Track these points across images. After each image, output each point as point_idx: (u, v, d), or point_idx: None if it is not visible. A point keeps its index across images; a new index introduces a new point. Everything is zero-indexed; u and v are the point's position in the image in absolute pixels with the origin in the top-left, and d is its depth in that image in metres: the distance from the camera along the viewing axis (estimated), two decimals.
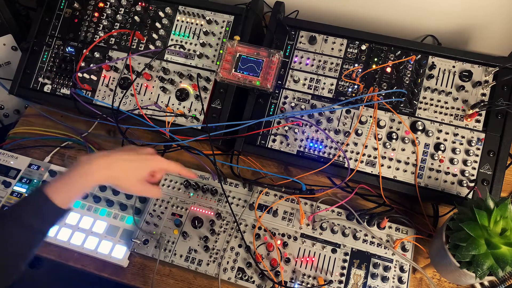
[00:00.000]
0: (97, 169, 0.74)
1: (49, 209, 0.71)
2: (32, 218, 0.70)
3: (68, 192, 0.72)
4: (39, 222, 0.70)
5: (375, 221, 0.91)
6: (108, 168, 0.76)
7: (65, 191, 0.72)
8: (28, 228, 0.70)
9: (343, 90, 1.00)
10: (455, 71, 0.97)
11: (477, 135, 0.93)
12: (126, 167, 0.77)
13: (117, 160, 0.77)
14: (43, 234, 0.72)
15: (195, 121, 1.03)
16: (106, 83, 1.08)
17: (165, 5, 1.08)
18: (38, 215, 0.70)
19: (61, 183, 0.72)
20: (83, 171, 0.74)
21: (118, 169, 0.77)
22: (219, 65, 0.96)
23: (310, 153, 0.98)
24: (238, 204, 0.97)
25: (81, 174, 0.73)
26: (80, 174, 0.73)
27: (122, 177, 0.77)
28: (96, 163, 0.74)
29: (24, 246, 0.71)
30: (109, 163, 0.76)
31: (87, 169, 0.74)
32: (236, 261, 0.90)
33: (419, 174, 0.93)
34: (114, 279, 0.95)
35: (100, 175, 0.75)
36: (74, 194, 0.73)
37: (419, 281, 0.92)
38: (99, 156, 0.76)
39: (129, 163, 0.78)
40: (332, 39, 1.03)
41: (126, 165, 0.78)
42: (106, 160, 0.76)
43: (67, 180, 0.73)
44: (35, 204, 0.71)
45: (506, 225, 0.71)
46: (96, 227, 0.97)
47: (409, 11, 1.10)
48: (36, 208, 0.71)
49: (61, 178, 0.73)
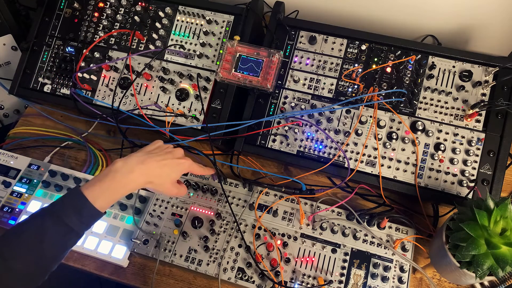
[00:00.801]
0: (136, 178, 0.76)
1: (89, 212, 0.72)
2: (72, 219, 0.70)
3: (108, 198, 0.74)
4: (78, 223, 0.71)
5: (375, 221, 0.91)
6: (146, 174, 0.78)
7: (106, 196, 0.74)
8: (66, 228, 0.70)
9: (343, 90, 1.00)
10: (455, 71, 0.97)
11: (477, 135, 0.93)
12: (162, 173, 0.80)
13: (155, 166, 0.79)
14: (78, 236, 0.73)
15: (195, 121, 1.03)
16: (106, 83, 1.08)
17: (165, 5, 1.08)
18: (78, 217, 0.71)
19: (102, 188, 0.73)
20: (124, 181, 0.75)
21: (155, 175, 0.79)
22: (219, 65, 0.96)
23: (310, 153, 0.98)
24: (238, 204, 0.97)
25: (123, 183, 0.75)
26: (121, 183, 0.75)
27: (158, 182, 0.80)
28: (137, 172, 0.76)
29: (60, 246, 0.71)
30: (147, 169, 0.78)
31: (128, 178, 0.75)
32: (236, 261, 0.90)
33: (419, 174, 0.93)
34: (114, 279, 0.95)
35: (139, 183, 0.78)
36: (113, 200, 0.75)
37: (419, 281, 0.92)
38: (137, 163, 0.77)
39: (165, 168, 0.81)
40: (332, 39, 1.03)
41: (163, 171, 0.80)
42: (145, 167, 0.78)
43: (108, 186, 0.74)
44: (76, 206, 0.72)
45: (506, 225, 0.71)
46: (96, 227, 0.97)
47: (409, 11, 1.10)
48: (76, 209, 0.71)
49: (101, 183, 0.74)
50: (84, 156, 1.11)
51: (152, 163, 0.79)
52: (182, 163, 0.83)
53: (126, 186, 0.76)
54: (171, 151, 0.84)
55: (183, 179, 1.00)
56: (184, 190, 0.87)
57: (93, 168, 1.08)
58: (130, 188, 0.77)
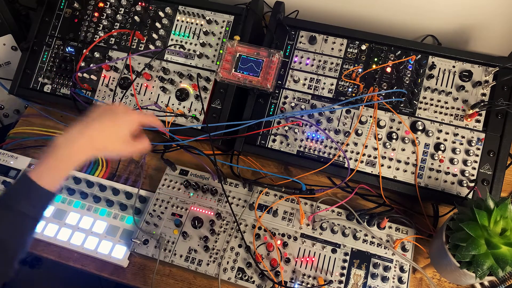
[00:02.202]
0: (79, 148, 0.73)
1: (39, 194, 0.70)
2: (23, 205, 0.69)
3: (55, 175, 0.72)
4: (29, 207, 0.69)
5: (375, 221, 0.91)
6: (90, 143, 0.74)
7: (52, 174, 0.71)
8: (19, 215, 0.68)
9: (343, 90, 1.00)
10: (455, 71, 0.97)
11: (477, 135, 0.93)
12: (105, 137, 0.76)
13: (96, 133, 0.75)
14: (36, 220, 0.71)
15: (195, 121, 1.03)
16: (106, 83, 1.08)
17: (165, 5, 1.08)
18: (29, 201, 0.69)
19: (46, 167, 0.71)
20: (68, 155, 0.72)
21: (99, 142, 0.75)
22: (219, 65, 0.96)
23: (310, 153, 0.98)
24: (238, 204, 0.97)
25: (66, 158, 0.72)
26: (65, 158, 0.72)
27: (107, 146, 0.77)
28: (77, 144, 0.73)
29: (18, 234, 0.70)
30: (89, 138, 0.74)
31: (71, 151, 0.73)
32: (236, 261, 0.90)
33: (419, 174, 0.93)
34: (114, 279, 0.95)
35: (84, 154, 0.74)
36: (61, 176, 0.73)
37: (419, 281, 0.92)
38: (77, 134, 0.74)
39: (107, 131, 0.76)
40: (332, 39, 1.03)
41: (106, 135, 0.76)
42: (85, 136, 0.74)
43: (52, 164, 0.71)
44: (24, 191, 0.70)
45: (506, 225, 0.71)
46: (96, 227, 0.97)
47: (409, 11, 1.10)
48: (26, 195, 0.69)
49: (44, 162, 0.71)
50: None
51: (92, 130, 0.75)
52: (125, 119, 0.78)
53: (71, 160, 0.73)
54: (111, 111, 0.79)
55: (183, 179, 1.00)
56: (145, 145, 0.81)
57: (93, 168, 1.08)
58: (75, 161, 0.73)
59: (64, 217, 0.99)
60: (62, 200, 1.01)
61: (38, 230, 0.96)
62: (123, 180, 1.07)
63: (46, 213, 0.98)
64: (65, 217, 0.99)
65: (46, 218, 0.99)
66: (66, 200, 1.01)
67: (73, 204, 1.00)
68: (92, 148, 0.75)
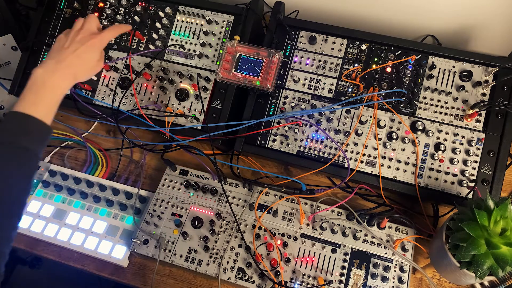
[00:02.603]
0: (60, 78, 0.76)
1: (38, 128, 0.70)
2: (25, 140, 0.67)
3: (46, 107, 0.72)
4: (32, 143, 0.68)
5: (375, 221, 0.91)
6: (69, 71, 0.78)
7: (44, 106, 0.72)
8: (24, 152, 0.67)
9: (343, 90, 1.00)
10: (455, 71, 0.97)
11: (477, 135, 0.93)
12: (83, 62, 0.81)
13: (74, 60, 0.79)
14: (38, 158, 0.70)
15: (195, 121, 1.03)
16: (106, 83, 1.08)
17: (165, 5, 1.08)
18: (30, 136, 0.68)
19: (35, 101, 0.71)
20: (51, 85, 0.74)
21: (77, 67, 0.80)
22: (219, 65, 0.96)
23: (310, 153, 0.98)
24: (238, 204, 0.97)
25: (50, 88, 0.74)
26: (49, 88, 0.74)
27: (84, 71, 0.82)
28: (59, 72, 0.76)
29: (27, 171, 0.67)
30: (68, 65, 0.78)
31: (53, 81, 0.74)
32: (236, 261, 0.90)
33: (419, 174, 0.93)
34: (114, 279, 0.95)
35: (66, 83, 0.77)
36: (51, 108, 0.74)
37: (419, 281, 0.92)
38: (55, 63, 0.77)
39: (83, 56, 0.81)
40: (332, 39, 1.03)
41: (82, 60, 0.81)
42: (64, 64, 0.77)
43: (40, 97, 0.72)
44: (21, 127, 0.68)
45: (506, 225, 0.71)
46: (96, 227, 0.97)
47: (409, 11, 1.10)
48: (25, 130, 0.68)
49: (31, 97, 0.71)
50: (84, 156, 1.11)
51: (70, 57, 0.78)
52: (96, 41, 0.83)
53: (55, 91, 0.75)
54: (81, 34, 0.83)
55: (183, 179, 1.00)
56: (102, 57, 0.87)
57: (93, 168, 1.08)
58: (59, 92, 0.76)
59: (64, 217, 0.99)
60: (62, 200, 1.01)
61: (38, 230, 0.97)
62: (123, 180, 1.07)
63: (46, 213, 0.99)
64: (65, 217, 0.99)
65: (46, 218, 0.99)
66: (66, 200, 1.01)
67: (73, 204, 1.00)
68: (71, 77, 0.78)
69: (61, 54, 0.79)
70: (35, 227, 0.98)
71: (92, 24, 0.86)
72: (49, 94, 0.73)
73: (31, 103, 0.70)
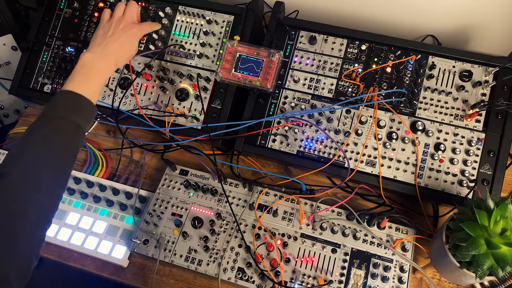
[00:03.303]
0: (105, 65, 0.84)
1: (87, 107, 0.77)
2: (77, 117, 0.74)
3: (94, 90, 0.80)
4: (82, 119, 0.75)
5: (375, 221, 0.91)
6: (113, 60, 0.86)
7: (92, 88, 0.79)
8: (75, 127, 0.73)
9: (343, 90, 1.00)
10: (455, 71, 0.97)
11: (477, 135, 0.93)
12: (125, 51, 0.90)
13: (117, 48, 0.87)
14: (84, 133, 0.76)
15: (195, 121, 1.03)
16: (106, 83, 1.08)
17: (165, 5, 1.08)
18: (80, 113, 0.75)
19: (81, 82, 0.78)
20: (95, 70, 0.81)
21: (120, 56, 0.88)
22: (219, 65, 0.96)
23: (310, 153, 0.98)
24: (238, 204, 0.97)
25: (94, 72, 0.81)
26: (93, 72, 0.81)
27: (125, 59, 0.91)
28: (103, 61, 0.83)
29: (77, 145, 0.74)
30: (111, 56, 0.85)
31: (97, 67, 0.82)
32: (236, 261, 0.90)
33: (419, 174, 0.93)
34: (114, 279, 0.95)
35: (110, 68, 0.86)
36: (98, 91, 0.82)
37: (419, 281, 0.92)
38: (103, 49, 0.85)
39: (126, 45, 0.89)
40: (332, 39, 1.03)
41: (125, 49, 0.90)
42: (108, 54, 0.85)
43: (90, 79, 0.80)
44: (74, 104, 0.75)
45: (506, 225, 0.71)
46: (96, 227, 0.97)
47: (409, 11, 1.10)
48: (76, 107, 0.75)
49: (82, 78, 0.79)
50: (84, 156, 1.11)
51: (114, 45, 0.86)
52: (137, 31, 0.92)
53: (101, 74, 0.82)
54: (123, 23, 0.90)
55: (183, 179, 1.00)
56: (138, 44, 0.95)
57: (93, 168, 1.08)
58: (103, 77, 0.83)
59: (64, 217, 0.99)
60: (62, 200, 1.01)
61: None
62: (123, 180, 1.07)
63: None
64: (65, 217, 0.99)
65: None
66: (66, 200, 1.01)
67: (73, 204, 1.00)
68: (115, 63, 0.87)
69: (106, 41, 0.86)
70: None
71: (134, 12, 0.94)
72: (96, 77, 0.81)
73: (81, 84, 0.77)
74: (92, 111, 0.79)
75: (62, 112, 0.73)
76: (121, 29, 0.89)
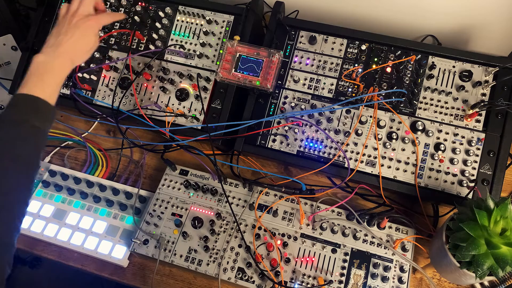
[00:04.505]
0: (59, 65, 0.80)
1: (47, 109, 0.75)
2: (36, 120, 0.72)
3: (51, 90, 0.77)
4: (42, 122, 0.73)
5: (375, 221, 0.91)
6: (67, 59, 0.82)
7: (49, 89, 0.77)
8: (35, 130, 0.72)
9: (343, 90, 1.00)
10: (455, 71, 0.97)
11: (477, 135, 0.93)
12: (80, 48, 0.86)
13: (71, 46, 0.83)
14: (46, 136, 0.75)
15: (195, 121, 1.03)
16: (106, 83, 1.08)
17: (165, 5, 1.08)
18: (39, 116, 0.73)
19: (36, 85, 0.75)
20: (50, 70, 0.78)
21: (76, 52, 0.84)
22: (219, 65, 0.96)
23: (310, 153, 0.98)
24: (238, 204, 0.97)
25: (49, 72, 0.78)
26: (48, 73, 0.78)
27: (82, 56, 0.87)
28: (57, 61, 0.80)
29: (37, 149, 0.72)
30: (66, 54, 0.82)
31: (52, 67, 0.79)
32: (236, 261, 0.90)
33: (419, 174, 0.93)
34: (114, 279, 0.95)
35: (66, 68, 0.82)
36: (56, 90, 0.79)
37: (419, 281, 0.92)
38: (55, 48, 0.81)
39: (80, 41, 0.85)
40: (332, 39, 1.03)
41: (79, 47, 0.85)
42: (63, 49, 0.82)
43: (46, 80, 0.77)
44: (32, 107, 0.73)
45: (506, 225, 0.71)
46: (96, 227, 0.97)
47: (409, 11, 1.10)
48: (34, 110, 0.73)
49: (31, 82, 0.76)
50: (84, 156, 1.11)
51: (67, 44, 0.82)
52: (92, 24, 0.87)
53: (56, 74, 0.79)
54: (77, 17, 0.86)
55: (183, 179, 1.00)
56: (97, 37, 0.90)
57: (93, 168, 1.08)
58: (60, 76, 0.80)
59: (64, 217, 0.99)
60: (62, 200, 1.01)
61: (38, 230, 0.97)
62: (123, 180, 1.07)
63: (46, 213, 0.99)
64: (65, 217, 0.99)
65: (46, 218, 0.99)
66: (66, 200, 1.01)
67: (73, 204, 1.00)
68: (71, 62, 0.83)
69: (59, 40, 0.83)
70: (35, 227, 0.98)
71: (87, 4, 0.88)
72: (51, 78, 0.78)
73: (36, 86, 0.75)
74: (51, 112, 0.76)
75: (20, 116, 0.71)
76: (74, 24, 0.85)
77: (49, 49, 0.81)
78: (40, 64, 0.78)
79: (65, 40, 0.83)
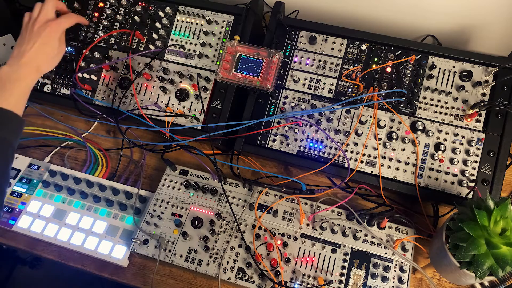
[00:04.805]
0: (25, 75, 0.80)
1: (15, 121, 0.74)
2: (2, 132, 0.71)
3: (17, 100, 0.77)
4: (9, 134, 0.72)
5: (375, 221, 0.91)
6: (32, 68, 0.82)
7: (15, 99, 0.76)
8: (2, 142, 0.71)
9: (343, 90, 1.00)
10: (455, 71, 0.97)
11: (477, 135, 0.93)
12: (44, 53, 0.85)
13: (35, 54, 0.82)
14: (14, 149, 0.74)
15: (195, 121, 1.03)
16: (106, 83, 1.08)
17: (165, 5, 1.08)
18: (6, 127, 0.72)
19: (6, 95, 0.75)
20: (15, 81, 0.78)
21: (41, 59, 0.83)
22: (219, 65, 0.96)
23: (310, 153, 0.98)
24: (238, 204, 0.97)
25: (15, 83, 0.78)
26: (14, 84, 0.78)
27: (47, 63, 0.86)
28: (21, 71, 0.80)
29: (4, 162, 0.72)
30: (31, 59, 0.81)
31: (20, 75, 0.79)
32: (236, 261, 0.90)
33: (419, 174, 0.93)
34: (114, 279, 0.95)
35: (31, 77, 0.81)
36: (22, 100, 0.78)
37: (419, 281, 0.92)
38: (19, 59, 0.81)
39: (43, 48, 0.84)
40: (332, 39, 1.03)
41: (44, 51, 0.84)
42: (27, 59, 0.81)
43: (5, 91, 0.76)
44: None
45: (506, 225, 0.71)
46: (96, 227, 0.97)
47: (409, 11, 1.10)
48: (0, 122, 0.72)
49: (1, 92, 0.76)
50: (84, 156, 1.11)
51: (29, 53, 0.82)
52: (53, 29, 0.86)
53: (21, 84, 0.79)
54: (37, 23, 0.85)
55: (183, 179, 1.00)
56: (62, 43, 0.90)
57: (93, 168, 1.08)
58: (25, 84, 0.80)
59: (64, 217, 0.99)
60: (62, 200, 1.01)
61: (38, 230, 0.97)
62: (123, 180, 1.07)
63: (46, 213, 0.99)
64: (65, 217, 0.99)
65: (46, 218, 0.99)
66: (66, 200, 1.01)
67: (73, 204, 1.00)
68: (36, 70, 0.83)
69: (22, 50, 0.82)
70: (35, 227, 0.98)
71: (48, 10, 0.87)
72: (16, 88, 0.78)
73: (4, 99, 0.75)
74: (17, 121, 0.76)
75: None
76: (35, 32, 0.84)
77: (13, 60, 0.81)
78: (3, 75, 0.78)
79: (28, 49, 0.82)
